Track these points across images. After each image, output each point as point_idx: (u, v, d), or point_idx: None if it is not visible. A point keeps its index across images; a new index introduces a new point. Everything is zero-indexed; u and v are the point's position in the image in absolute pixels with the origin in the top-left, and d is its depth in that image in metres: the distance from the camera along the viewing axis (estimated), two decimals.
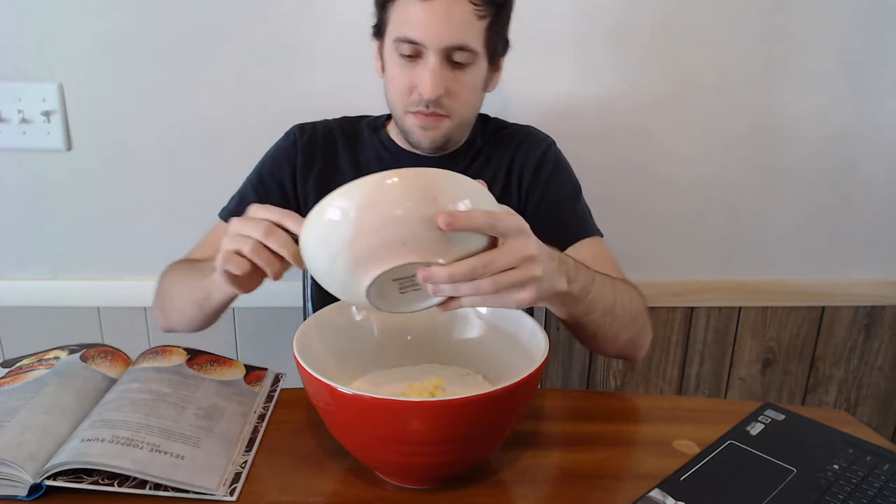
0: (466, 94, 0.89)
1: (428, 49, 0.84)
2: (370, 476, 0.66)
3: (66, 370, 0.76)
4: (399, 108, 0.91)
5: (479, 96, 0.94)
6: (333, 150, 1.00)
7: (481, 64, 0.89)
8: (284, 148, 1.00)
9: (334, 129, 1.01)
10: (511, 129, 1.03)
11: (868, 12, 1.25)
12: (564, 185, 1.00)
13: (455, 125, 0.91)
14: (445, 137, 0.92)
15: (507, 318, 0.75)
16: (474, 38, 0.85)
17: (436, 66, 0.85)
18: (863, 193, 1.37)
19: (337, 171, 0.99)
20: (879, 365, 1.50)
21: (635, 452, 0.71)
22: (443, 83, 0.86)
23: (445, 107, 0.88)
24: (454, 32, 0.84)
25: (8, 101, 1.20)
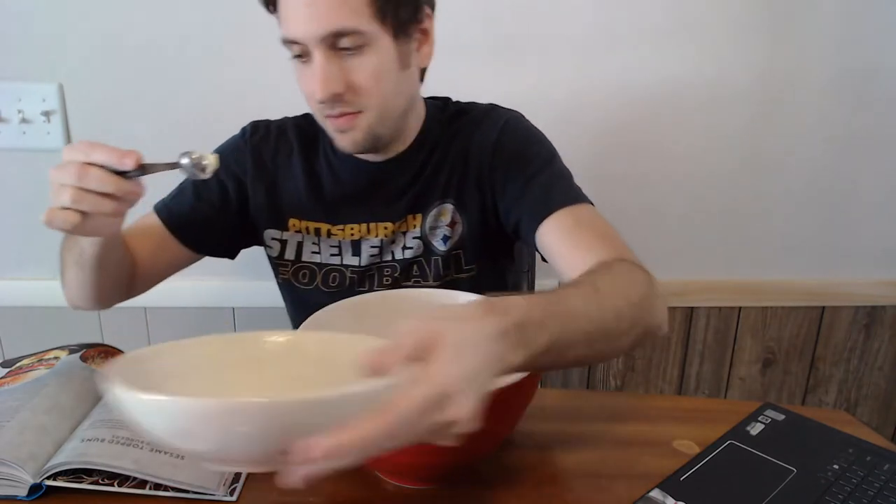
0: (372, 82, 0.77)
1: (309, 44, 0.75)
2: (370, 476, 0.66)
3: (66, 370, 0.76)
4: (316, 115, 0.83)
5: (395, 79, 0.80)
6: (287, 152, 0.92)
7: (381, 42, 0.76)
8: (233, 146, 0.93)
9: (289, 128, 0.93)
10: (471, 113, 0.91)
11: (867, 15, 1.25)
12: (528, 159, 0.86)
13: (375, 119, 0.80)
14: (368, 136, 0.81)
15: None
16: (355, 16, 0.74)
17: (321, 61, 0.75)
18: (863, 194, 1.37)
19: (289, 175, 0.91)
20: (879, 365, 1.49)
21: (635, 452, 0.71)
22: (336, 78, 0.75)
23: (353, 102, 0.78)
24: (326, 18, 0.73)
25: (8, 101, 1.20)
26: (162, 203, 0.92)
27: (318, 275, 0.92)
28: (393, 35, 0.78)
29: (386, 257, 0.91)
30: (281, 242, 0.92)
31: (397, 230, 0.90)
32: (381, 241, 0.90)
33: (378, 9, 0.75)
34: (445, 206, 0.89)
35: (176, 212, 0.90)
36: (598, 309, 0.58)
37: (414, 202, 0.89)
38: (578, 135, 1.29)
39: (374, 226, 0.90)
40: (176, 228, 0.90)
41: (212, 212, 0.91)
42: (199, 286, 1.31)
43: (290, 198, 0.91)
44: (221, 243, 0.95)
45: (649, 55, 1.26)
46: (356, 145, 0.82)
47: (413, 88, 0.86)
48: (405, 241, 0.90)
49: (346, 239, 0.91)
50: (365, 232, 0.90)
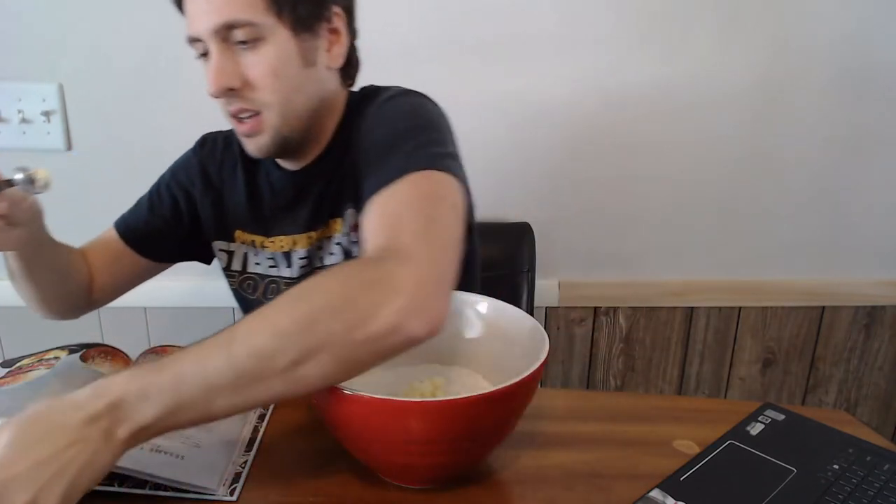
0: (270, 78, 0.74)
1: (205, 40, 0.73)
2: (370, 476, 0.66)
3: (66, 370, 0.76)
4: (228, 121, 0.80)
5: (296, 76, 0.76)
6: (232, 165, 0.91)
7: (278, 37, 0.74)
8: (186, 160, 0.95)
9: (235, 141, 0.90)
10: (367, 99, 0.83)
11: (867, 14, 1.25)
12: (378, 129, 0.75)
13: (278, 119, 0.77)
14: (275, 139, 0.78)
15: (507, 318, 0.74)
16: (248, 8, 0.72)
17: (214, 54, 0.73)
18: (863, 194, 1.37)
19: (234, 189, 0.91)
20: (879, 365, 1.49)
21: (635, 452, 0.71)
22: (230, 73, 0.73)
23: (250, 99, 0.75)
24: (217, 10, 0.72)
25: (8, 101, 1.20)
26: (121, 217, 0.96)
27: (261, 286, 0.92)
28: (292, 30, 0.75)
29: (316, 264, 0.89)
30: (228, 253, 0.94)
31: (322, 237, 0.87)
32: (307, 251, 0.88)
33: (272, 1, 0.73)
34: (354, 210, 0.83)
35: (132, 225, 0.94)
36: (228, 357, 0.52)
37: (333, 206, 0.85)
38: (578, 135, 1.29)
39: (300, 237, 0.88)
40: (131, 240, 0.93)
41: (164, 224, 0.94)
42: (199, 286, 1.31)
43: (234, 210, 0.92)
44: (180, 253, 0.97)
45: (650, 56, 1.26)
46: (264, 149, 0.79)
47: (322, 88, 0.81)
48: (330, 247, 0.87)
49: (278, 251, 0.90)
50: (291, 244, 0.88)
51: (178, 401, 0.52)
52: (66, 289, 0.89)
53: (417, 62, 1.24)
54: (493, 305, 0.76)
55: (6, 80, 1.20)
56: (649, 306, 1.41)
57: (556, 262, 1.36)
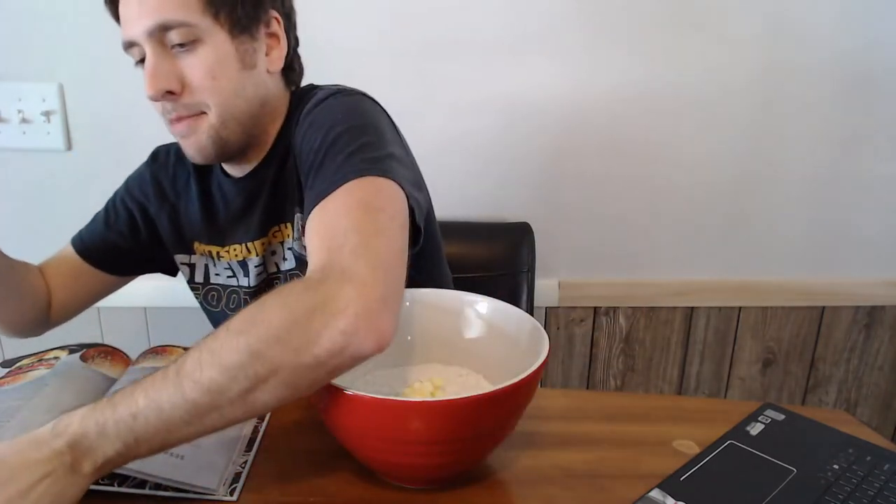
0: (208, 80, 0.74)
1: (141, 43, 0.72)
2: (370, 476, 0.66)
3: (66, 370, 0.76)
4: (167, 127, 0.79)
5: (235, 78, 0.76)
6: (185, 178, 0.91)
7: (215, 39, 0.73)
8: (138, 174, 0.94)
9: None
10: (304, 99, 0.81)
11: (867, 14, 1.25)
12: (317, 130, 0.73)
13: (217, 121, 0.76)
14: (214, 141, 0.77)
15: (507, 318, 0.74)
16: (182, 9, 0.71)
17: (150, 56, 0.72)
18: (863, 193, 1.37)
19: (189, 201, 0.90)
20: (879, 365, 1.49)
21: (635, 452, 0.71)
22: (167, 74, 0.72)
23: (189, 104, 0.74)
24: (150, 12, 0.71)
25: (8, 101, 1.20)
26: (77, 234, 0.96)
27: (223, 296, 0.92)
28: (229, 32, 0.75)
29: (271, 270, 0.88)
30: (189, 266, 0.93)
31: (274, 242, 0.86)
32: (261, 259, 0.87)
33: (209, 3, 0.73)
34: (301, 214, 0.81)
35: (87, 241, 0.94)
36: (179, 392, 0.53)
37: (282, 211, 0.84)
38: (578, 135, 1.29)
39: (252, 244, 0.86)
40: (88, 256, 0.93)
41: (121, 239, 0.93)
42: None
43: (191, 222, 0.91)
44: (141, 266, 0.97)
45: (651, 55, 1.26)
46: (202, 151, 0.78)
47: (261, 91, 0.80)
48: (283, 251, 0.86)
49: (234, 260, 0.89)
50: (245, 252, 0.87)
51: (135, 436, 0.53)
52: (24, 308, 0.88)
53: (416, 63, 1.24)
54: (493, 305, 0.76)
55: (6, 80, 1.20)
56: (649, 306, 1.41)
57: (556, 262, 1.37)
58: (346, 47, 1.21)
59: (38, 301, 0.90)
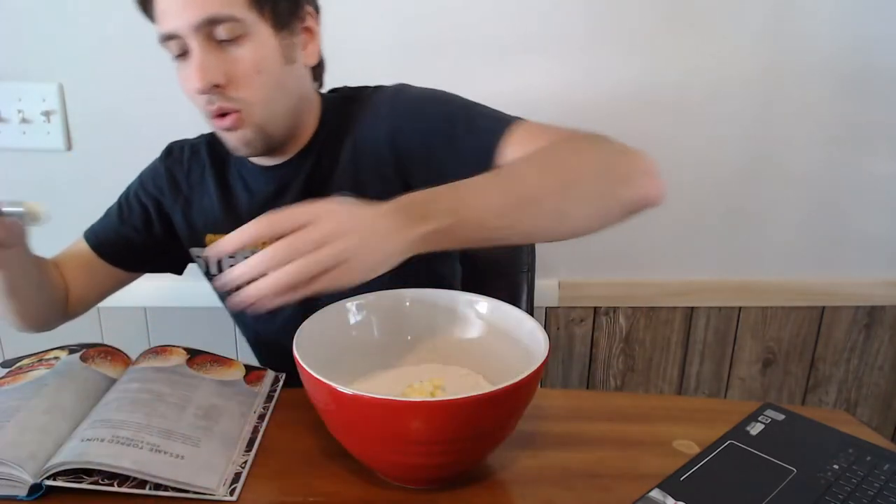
0: (254, 75, 0.75)
1: (186, 37, 0.73)
2: (370, 476, 0.66)
3: (66, 370, 0.76)
4: (207, 120, 0.80)
5: (279, 73, 0.78)
6: (200, 171, 0.92)
7: (260, 33, 0.75)
8: (152, 169, 0.95)
9: (201, 147, 0.93)
10: (354, 101, 0.87)
11: (867, 11, 1.25)
12: (431, 123, 0.80)
13: (263, 116, 0.78)
14: (259, 134, 0.79)
15: (507, 318, 0.74)
16: (230, 3, 0.73)
17: (197, 51, 0.73)
18: (863, 193, 1.37)
19: (205, 193, 0.92)
20: (879, 365, 1.50)
21: (635, 452, 0.71)
22: (215, 69, 0.73)
23: (234, 97, 0.76)
24: (200, 5, 0.72)
25: (8, 101, 1.20)
26: (90, 228, 0.96)
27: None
28: (273, 27, 0.76)
29: None
30: (205, 259, 0.94)
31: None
32: None
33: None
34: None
35: (101, 235, 0.94)
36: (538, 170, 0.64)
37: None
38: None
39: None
40: (102, 251, 0.93)
41: (135, 234, 0.94)
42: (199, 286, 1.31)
43: (205, 215, 0.92)
44: (153, 262, 0.98)
45: (650, 55, 1.26)
46: (248, 144, 0.80)
47: (301, 85, 0.83)
48: None
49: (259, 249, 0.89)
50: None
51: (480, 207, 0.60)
52: (45, 302, 0.88)
53: (415, 62, 1.24)
54: (493, 305, 0.76)
55: (6, 80, 1.20)
56: (649, 306, 1.41)
57: (556, 262, 1.36)
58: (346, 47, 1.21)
59: (56, 295, 0.90)
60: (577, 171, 0.66)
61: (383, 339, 0.77)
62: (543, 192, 0.63)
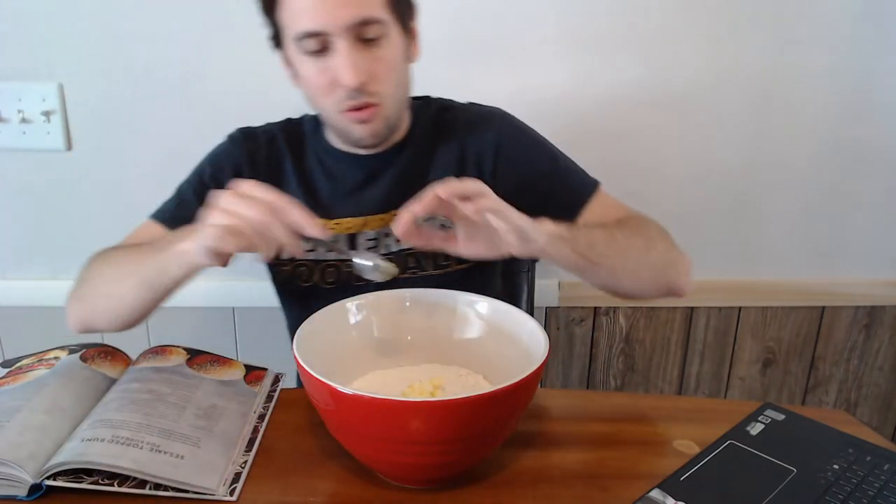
0: (390, 72, 0.82)
1: (333, 35, 0.77)
2: (370, 476, 0.66)
3: (66, 370, 0.76)
4: (329, 109, 0.85)
5: (404, 71, 0.86)
6: (278, 157, 0.95)
7: (394, 34, 0.82)
8: (227, 152, 0.95)
9: (277, 133, 0.96)
10: (454, 109, 0.96)
11: (866, 13, 1.25)
12: (536, 155, 0.93)
13: (391, 109, 0.85)
14: (385, 127, 0.86)
15: (507, 318, 0.75)
16: (376, 6, 0.78)
17: (348, 50, 0.77)
18: (863, 193, 1.37)
19: (283, 179, 0.94)
20: (879, 365, 1.50)
21: (635, 452, 0.71)
22: (363, 67, 0.78)
23: (373, 92, 0.81)
24: (353, 7, 0.76)
25: (8, 101, 1.20)
26: (166, 215, 0.93)
27: (316, 271, 0.93)
28: (401, 28, 0.83)
29: (382, 251, 0.92)
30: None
31: (391, 223, 0.89)
32: (376, 233, 0.92)
33: (393, 2, 0.81)
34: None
35: (181, 219, 0.90)
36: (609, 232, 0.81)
37: (404, 195, 0.88)
38: (577, 135, 1.28)
39: (370, 219, 0.91)
40: None
41: None
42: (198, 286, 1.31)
43: None
44: None
45: (650, 55, 1.26)
46: (376, 135, 0.85)
47: (410, 82, 0.90)
48: None
49: (343, 233, 0.92)
50: (361, 225, 0.92)
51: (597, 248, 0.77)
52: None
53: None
54: (493, 305, 0.76)
55: (6, 80, 1.20)
56: (649, 306, 1.41)
57: None
58: None
59: None
60: (649, 251, 0.83)
61: (383, 339, 0.77)
62: (627, 254, 0.80)
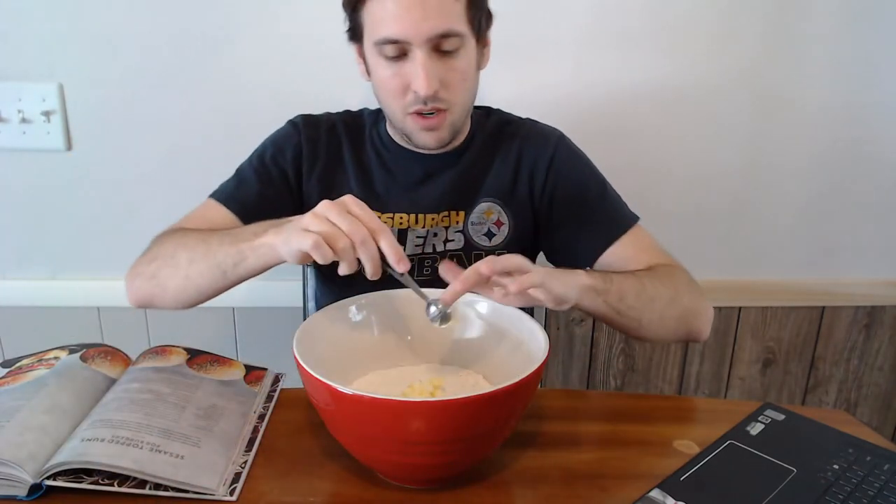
0: (462, 82, 0.85)
1: (413, 44, 0.80)
2: (370, 476, 0.66)
3: (66, 370, 0.76)
4: (396, 111, 0.87)
5: (474, 79, 0.89)
6: (337, 145, 0.97)
7: (470, 45, 0.85)
8: (289, 136, 0.97)
9: (337, 123, 0.99)
10: (515, 122, 1.01)
11: (865, 13, 1.25)
12: (587, 177, 0.97)
13: (458, 116, 0.88)
14: (451, 133, 0.89)
15: (507, 318, 0.75)
16: (457, 19, 0.81)
17: (425, 60, 0.81)
18: (863, 193, 1.37)
19: (340, 167, 0.96)
20: (879, 365, 1.50)
21: (635, 452, 0.71)
22: (437, 76, 0.82)
23: (444, 100, 0.84)
24: (435, 20, 0.79)
25: (8, 101, 1.20)
26: (226, 195, 0.92)
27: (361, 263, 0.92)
28: (476, 39, 0.86)
29: (427, 249, 0.94)
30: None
31: (440, 223, 0.95)
32: (426, 231, 0.94)
33: (472, 16, 0.83)
34: (492, 206, 0.96)
35: (244, 200, 0.91)
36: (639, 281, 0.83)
37: (458, 198, 0.95)
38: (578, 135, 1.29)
39: (422, 216, 0.94)
40: (246, 216, 0.89)
41: (277, 195, 0.94)
42: None
43: (340, 187, 0.95)
44: None
45: (650, 56, 1.26)
46: (441, 141, 0.89)
47: (478, 88, 0.92)
48: (447, 234, 0.95)
49: (395, 227, 0.94)
50: (413, 222, 0.94)
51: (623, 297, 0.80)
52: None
53: None
54: (493, 305, 0.76)
55: (6, 80, 1.20)
56: None
57: None
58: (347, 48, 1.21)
59: None
60: (676, 302, 0.85)
61: (383, 339, 0.77)
62: (654, 305, 0.83)
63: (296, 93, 1.22)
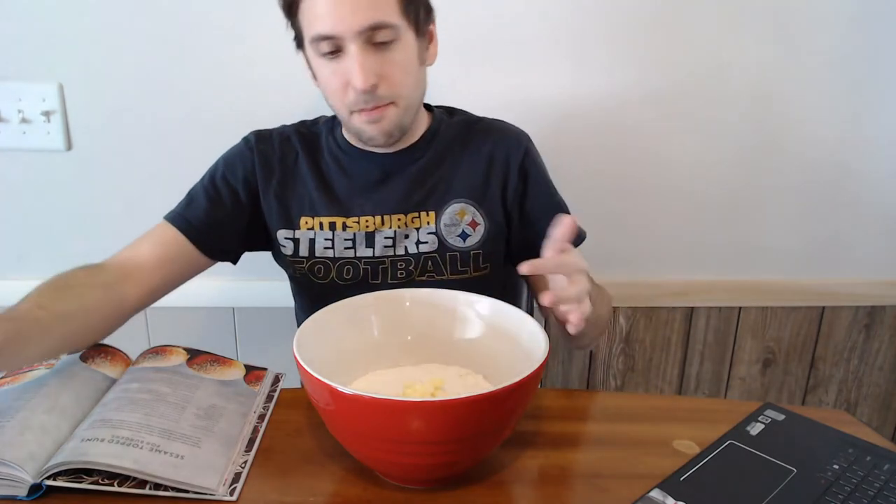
0: (402, 75, 0.84)
1: (345, 39, 0.80)
2: (370, 476, 0.66)
3: (66, 370, 0.76)
4: (342, 110, 0.87)
5: (417, 73, 0.88)
6: (293, 158, 0.97)
7: (407, 37, 0.84)
8: (240, 153, 0.97)
9: (291, 135, 0.98)
10: (484, 121, 1.00)
11: (864, 13, 1.25)
12: (549, 182, 0.98)
13: (403, 110, 0.87)
14: (397, 126, 0.88)
15: (507, 318, 0.75)
16: (389, 11, 0.81)
17: (359, 53, 0.80)
18: (863, 193, 1.37)
19: (298, 178, 0.96)
20: (879, 365, 1.49)
21: (635, 452, 0.71)
22: (373, 69, 0.81)
23: (385, 94, 0.84)
24: (365, 12, 0.79)
25: (8, 101, 1.20)
26: (175, 215, 0.94)
27: (333, 268, 0.94)
28: (415, 31, 0.85)
29: (399, 251, 0.94)
30: (294, 241, 0.95)
31: (410, 224, 0.94)
32: (394, 232, 0.94)
33: (405, 7, 0.82)
34: (465, 207, 0.94)
35: (193, 220, 0.93)
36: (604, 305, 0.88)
37: (425, 198, 0.94)
38: (575, 136, 1.29)
39: (388, 217, 0.93)
40: (193, 236, 0.92)
41: (226, 216, 0.94)
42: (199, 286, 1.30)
43: (299, 198, 0.95)
44: (233, 247, 0.98)
45: (650, 56, 1.26)
46: (387, 135, 0.87)
47: (426, 85, 0.92)
48: (419, 236, 0.94)
49: (361, 230, 0.94)
50: (379, 223, 0.94)
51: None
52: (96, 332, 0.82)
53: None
54: (493, 305, 0.76)
55: (6, 80, 1.20)
56: (649, 306, 1.41)
57: None
58: None
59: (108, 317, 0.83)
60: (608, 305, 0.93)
61: (383, 339, 0.77)
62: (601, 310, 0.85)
63: (296, 93, 1.22)
